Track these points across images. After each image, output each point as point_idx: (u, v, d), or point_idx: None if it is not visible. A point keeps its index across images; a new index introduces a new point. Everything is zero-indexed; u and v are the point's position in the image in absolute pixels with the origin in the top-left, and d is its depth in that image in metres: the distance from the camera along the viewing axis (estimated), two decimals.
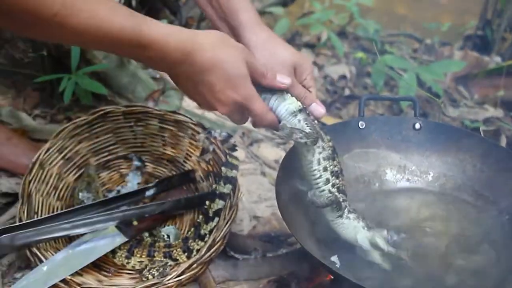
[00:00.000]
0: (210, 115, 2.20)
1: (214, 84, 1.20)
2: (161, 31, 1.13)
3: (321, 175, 1.33)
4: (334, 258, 1.33)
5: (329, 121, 2.41)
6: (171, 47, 1.15)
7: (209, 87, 1.21)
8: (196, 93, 1.25)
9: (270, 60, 1.35)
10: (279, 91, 1.31)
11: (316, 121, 1.34)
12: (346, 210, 1.35)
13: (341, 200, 1.34)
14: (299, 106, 1.31)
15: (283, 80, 1.30)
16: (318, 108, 1.37)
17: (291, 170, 1.42)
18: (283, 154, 1.37)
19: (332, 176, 1.33)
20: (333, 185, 1.34)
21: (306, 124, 1.31)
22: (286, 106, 1.31)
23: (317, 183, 1.34)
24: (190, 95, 1.29)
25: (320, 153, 1.32)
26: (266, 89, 1.30)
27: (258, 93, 1.26)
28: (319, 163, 1.32)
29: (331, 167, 1.33)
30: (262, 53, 1.36)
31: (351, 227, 1.35)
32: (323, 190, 1.33)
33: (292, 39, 2.97)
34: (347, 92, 2.70)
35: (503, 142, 2.32)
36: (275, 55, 1.37)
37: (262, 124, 1.31)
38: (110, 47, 1.14)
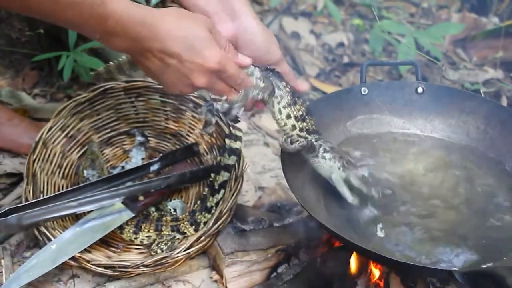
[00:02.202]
0: None
1: (181, 55, 1.17)
2: (123, 4, 1.11)
3: (286, 123, 1.37)
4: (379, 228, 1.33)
5: (329, 89, 2.41)
6: (133, 21, 1.12)
7: (177, 60, 1.18)
8: (165, 72, 1.21)
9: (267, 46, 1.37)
10: None
11: (270, 73, 1.35)
12: (321, 150, 1.36)
13: (313, 140, 1.36)
14: (252, 67, 1.32)
15: (245, 60, 1.29)
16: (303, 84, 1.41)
17: None
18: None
19: (298, 121, 1.36)
20: (300, 130, 1.36)
21: (260, 79, 1.32)
22: None
23: (285, 130, 1.38)
24: (159, 78, 1.24)
25: (279, 102, 1.35)
26: None
27: None
28: (280, 112, 1.36)
29: (294, 112, 1.35)
30: (263, 39, 1.36)
31: (327, 166, 1.37)
32: (292, 136, 1.35)
33: (288, 9, 2.95)
34: (345, 59, 2.69)
35: (504, 102, 2.32)
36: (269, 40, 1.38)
37: (237, 84, 1.29)
38: (71, 18, 1.09)
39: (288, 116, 1.36)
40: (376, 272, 1.45)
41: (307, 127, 1.36)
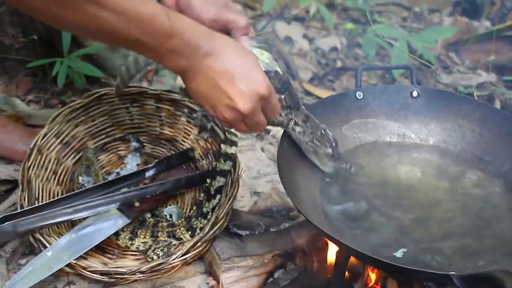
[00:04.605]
0: None
1: (234, 76, 1.14)
2: (186, 22, 1.10)
3: None
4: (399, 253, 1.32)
5: (323, 93, 2.41)
6: (196, 37, 1.10)
7: (229, 80, 1.14)
8: (211, 90, 1.16)
9: None
10: None
11: None
12: (291, 123, 1.36)
13: (283, 115, 1.32)
14: None
15: None
16: None
17: (290, 143, 1.42)
18: (280, 128, 1.38)
19: None
20: None
21: None
22: None
23: None
24: (202, 95, 1.18)
25: None
26: None
27: None
28: None
29: None
30: None
31: (297, 139, 1.41)
32: None
33: (281, 13, 2.95)
34: (339, 63, 2.70)
35: (497, 106, 2.34)
36: None
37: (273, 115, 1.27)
38: (137, 35, 1.05)
39: None
40: (373, 277, 1.45)
41: None
